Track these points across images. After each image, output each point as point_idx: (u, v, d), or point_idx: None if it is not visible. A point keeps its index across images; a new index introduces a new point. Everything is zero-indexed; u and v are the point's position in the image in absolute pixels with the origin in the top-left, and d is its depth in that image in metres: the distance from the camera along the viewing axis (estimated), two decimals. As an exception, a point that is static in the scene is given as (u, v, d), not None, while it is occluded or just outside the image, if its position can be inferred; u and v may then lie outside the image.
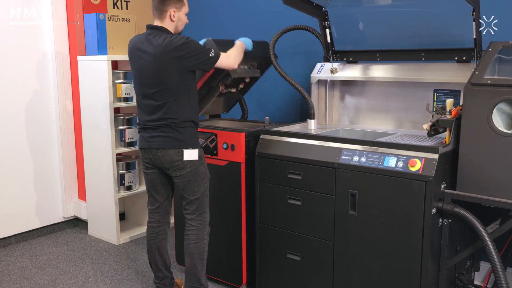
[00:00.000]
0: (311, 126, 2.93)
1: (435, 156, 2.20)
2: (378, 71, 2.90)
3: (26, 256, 3.70)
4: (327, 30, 3.01)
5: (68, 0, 3.98)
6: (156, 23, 2.63)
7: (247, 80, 3.25)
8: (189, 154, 2.61)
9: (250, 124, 3.23)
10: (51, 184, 4.15)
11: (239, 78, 3.14)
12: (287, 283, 2.79)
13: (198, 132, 2.75)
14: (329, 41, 3.02)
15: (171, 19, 2.61)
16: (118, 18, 3.77)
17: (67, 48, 4.05)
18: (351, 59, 3.04)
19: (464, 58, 2.58)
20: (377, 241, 2.38)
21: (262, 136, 2.84)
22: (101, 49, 3.73)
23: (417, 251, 2.26)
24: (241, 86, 3.26)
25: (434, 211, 2.23)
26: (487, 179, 2.16)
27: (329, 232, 2.56)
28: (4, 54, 3.77)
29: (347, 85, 3.14)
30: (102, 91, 3.73)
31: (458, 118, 2.25)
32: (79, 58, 3.90)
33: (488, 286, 2.69)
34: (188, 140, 2.62)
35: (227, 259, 3.02)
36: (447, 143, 2.28)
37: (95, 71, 3.77)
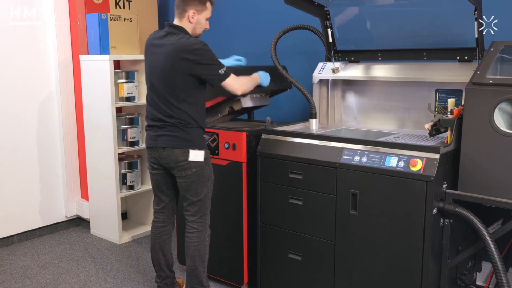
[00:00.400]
0: (313, 126, 2.93)
1: (437, 156, 2.19)
2: (380, 70, 2.89)
3: (28, 255, 3.71)
4: (328, 30, 3.00)
5: (71, 0, 3.99)
6: (175, 21, 2.59)
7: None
8: (194, 155, 2.57)
9: (251, 124, 3.23)
10: (53, 183, 4.16)
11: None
12: (288, 282, 2.79)
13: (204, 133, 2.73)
14: (330, 40, 3.02)
15: (189, 20, 2.55)
16: (120, 18, 3.78)
17: (69, 48, 4.06)
18: (352, 58, 3.04)
19: (466, 57, 2.57)
20: (378, 241, 2.38)
21: (264, 136, 2.83)
22: (103, 49, 3.73)
23: (418, 251, 2.25)
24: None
25: (435, 211, 2.22)
26: (488, 179, 2.15)
27: (330, 232, 2.55)
28: (5, 54, 3.78)
29: (348, 84, 3.13)
30: (104, 91, 3.74)
31: (460, 118, 2.24)
32: (81, 57, 3.91)
33: (490, 286, 2.68)
34: (195, 141, 2.59)
35: (228, 258, 3.02)
36: (448, 143, 2.27)
37: (97, 70, 3.77)
